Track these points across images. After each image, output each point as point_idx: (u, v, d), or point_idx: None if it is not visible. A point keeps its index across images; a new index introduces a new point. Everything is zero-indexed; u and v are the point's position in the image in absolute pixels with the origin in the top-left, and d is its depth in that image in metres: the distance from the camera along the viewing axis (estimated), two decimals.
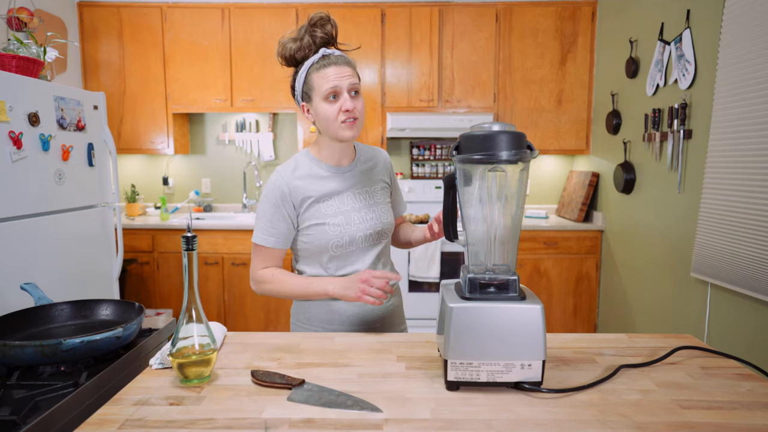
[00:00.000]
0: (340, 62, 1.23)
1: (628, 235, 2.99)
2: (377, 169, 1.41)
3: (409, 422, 0.83)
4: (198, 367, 0.96)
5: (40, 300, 1.24)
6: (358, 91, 1.26)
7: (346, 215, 1.31)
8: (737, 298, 2.05)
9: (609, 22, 3.28)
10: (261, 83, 3.55)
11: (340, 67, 1.23)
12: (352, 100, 1.24)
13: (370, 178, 1.38)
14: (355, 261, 1.34)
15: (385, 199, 1.39)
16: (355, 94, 1.25)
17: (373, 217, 1.34)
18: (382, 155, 1.45)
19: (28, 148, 2.19)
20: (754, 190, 1.90)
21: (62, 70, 3.41)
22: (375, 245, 1.36)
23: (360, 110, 1.26)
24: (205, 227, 3.35)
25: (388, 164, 1.45)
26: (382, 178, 1.41)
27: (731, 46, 2.02)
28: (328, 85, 1.22)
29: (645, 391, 0.93)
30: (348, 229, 1.30)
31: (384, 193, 1.40)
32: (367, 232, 1.33)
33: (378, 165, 1.41)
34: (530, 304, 0.92)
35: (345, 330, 1.36)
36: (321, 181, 1.32)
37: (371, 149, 1.45)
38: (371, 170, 1.39)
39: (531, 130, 3.54)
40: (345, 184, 1.34)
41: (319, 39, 1.24)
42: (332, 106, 1.23)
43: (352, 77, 1.24)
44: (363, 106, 1.28)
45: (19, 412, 0.81)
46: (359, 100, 1.26)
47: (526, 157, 0.93)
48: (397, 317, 1.46)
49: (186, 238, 0.93)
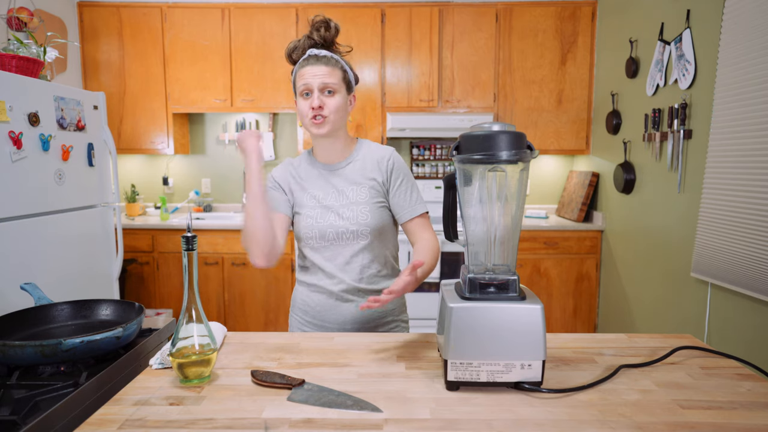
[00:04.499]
0: (318, 62, 1.29)
1: (628, 235, 2.99)
2: (369, 169, 1.37)
3: (409, 422, 0.83)
4: (198, 367, 0.96)
5: (40, 300, 1.24)
6: (333, 91, 1.29)
7: (322, 210, 1.34)
8: (737, 298, 2.05)
9: (609, 22, 3.28)
10: (261, 83, 3.55)
11: (315, 67, 1.28)
12: (321, 99, 1.28)
13: (358, 178, 1.36)
14: (331, 257, 1.36)
15: (371, 200, 1.34)
16: (329, 93, 1.29)
17: (349, 217, 1.33)
18: (382, 155, 1.38)
19: (28, 148, 2.19)
20: (754, 190, 1.90)
21: (62, 70, 3.41)
22: (349, 244, 1.34)
23: (332, 109, 1.29)
24: (205, 227, 3.35)
25: (385, 164, 1.36)
26: (373, 177, 1.36)
27: (731, 46, 2.02)
28: (301, 82, 1.29)
29: (645, 391, 0.93)
30: (319, 224, 1.34)
31: (371, 193, 1.35)
32: (339, 230, 1.33)
33: (372, 164, 1.37)
34: (530, 304, 0.92)
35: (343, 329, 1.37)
36: (311, 176, 1.39)
37: (377, 149, 1.40)
38: (362, 169, 1.37)
39: (531, 130, 3.54)
40: (326, 181, 1.37)
41: (312, 41, 1.32)
42: (305, 103, 1.30)
43: (327, 77, 1.28)
44: (338, 105, 1.30)
45: (19, 412, 0.81)
46: (333, 98, 1.29)
47: (526, 157, 0.93)
48: (390, 315, 1.44)
49: (186, 238, 0.93)
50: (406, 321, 1.49)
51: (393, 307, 1.43)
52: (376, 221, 1.34)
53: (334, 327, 1.37)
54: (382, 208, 1.35)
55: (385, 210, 1.37)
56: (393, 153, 1.39)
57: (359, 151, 1.40)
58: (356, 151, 1.40)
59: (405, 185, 1.37)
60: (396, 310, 1.44)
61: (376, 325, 1.39)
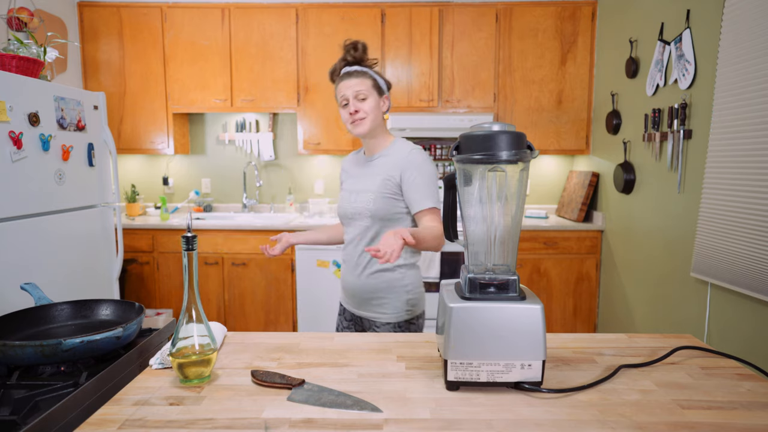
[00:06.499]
0: (350, 77, 1.54)
1: (628, 235, 2.99)
2: (391, 165, 1.54)
3: (409, 422, 0.83)
4: (198, 367, 0.96)
5: (40, 300, 1.24)
6: (365, 97, 1.52)
7: (348, 194, 1.62)
8: (737, 298, 2.05)
9: (609, 22, 3.28)
10: (261, 83, 3.55)
11: (346, 81, 1.54)
12: (356, 104, 1.52)
13: (379, 170, 1.56)
14: (347, 231, 1.65)
15: (380, 190, 1.52)
16: (363, 99, 1.52)
17: (355, 200, 1.57)
18: (402, 153, 1.54)
19: (28, 148, 2.19)
20: (754, 190, 1.90)
21: (62, 70, 3.41)
22: (351, 224, 1.61)
23: (367, 110, 1.53)
24: (205, 227, 3.35)
25: (402, 161, 1.52)
26: (389, 172, 1.53)
27: (731, 46, 2.02)
28: (339, 95, 1.56)
29: (645, 391, 0.93)
30: (343, 204, 1.63)
31: (385, 184, 1.52)
32: (348, 211, 1.60)
33: (395, 161, 1.54)
34: (530, 304, 0.92)
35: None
36: (353, 165, 1.69)
37: (402, 147, 1.56)
38: (386, 164, 1.56)
39: (531, 130, 3.54)
40: (361, 171, 1.63)
41: (345, 61, 1.57)
42: (344, 111, 1.56)
43: (357, 86, 1.52)
44: (371, 107, 1.53)
45: (19, 412, 0.81)
46: (367, 102, 1.52)
47: (526, 157, 0.93)
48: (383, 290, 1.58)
49: (186, 238, 0.93)
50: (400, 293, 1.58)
51: (386, 286, 1.57)
52: (378, 208, 1.52)
53: (345, 293, 1.66)
54: (388, 198, 1.52)
55: (393, 201, 1.53)
56: (411, 152, 1.54)
57: (391, 148, 1.59)
58: (389, 147, 1.59)
59: (415, 181, 1.50)
60: (387, 289, 1.57)
61: (370, 298, 1.59)
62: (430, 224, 1.46)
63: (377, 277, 1.56)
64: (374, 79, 1.55)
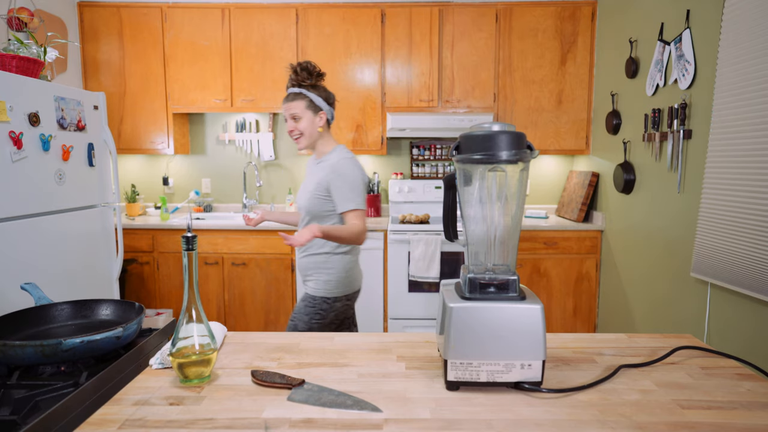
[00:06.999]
0: (287, 100, 1.85)
1: (628, 235, 2.99)
2: (324, 170, 1.83)
3: (409, 422, 0.83)
4: (198, 367, 0.96)
5: (40, 300, 1.24)
6: (300, 117, 1.83)
7: (300, 190, 1.93)
8: (737, 298, 2.05)
9: (609, 22, 3.28)
10: (261, 83, 3.55)
11: (286, 103, 1.85)
12: (292, 123, 1.85)
13: (318, 174, 1.85)
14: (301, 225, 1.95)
15: (314, 191, 1.83)
16: (299, 119, 1.83)
17: (300, 197, 1.89)
18: (332, 161, 1.83)
19: (28, 148, 2.19)
20: (754, 190, 1.90)
21: (62, 70, 3.41)
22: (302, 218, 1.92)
23: (302, 128, 1.85)
24: (205, 227, 3.35)
25: (329, 169, 1.81)
26: (322, 177, 1.83)
27: (731, 46, 2.02)
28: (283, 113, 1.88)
29: (645, 391, 0.93)
30: (296, 201, 1.94)
31: (318, 187, 1.83)
32: (297, 204, 1.92)
33: (328, 167, 1.83)
34: (530, 304, 0.92)
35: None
36: (309, 166, 1.98)
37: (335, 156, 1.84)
38: (323, 169, 1.84)
39: (531, 130, 3.54)
40: (310, 171, 1.94)
41: (291, 83, 1.85)
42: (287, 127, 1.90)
43: (292, 108, 1.83)
44: (304, 126, 1.84)
45: (19, 412, 0.81)
46: (301, 122, 1.84)
47: (526, 157, 0.93)
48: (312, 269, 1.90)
49: (186, 238, 0.93)
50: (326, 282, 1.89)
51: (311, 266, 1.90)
52: (311, 206, 1.84)
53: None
54: (319, 198, 1.83)
55: (323, 201, 1.82)
56: (339, 161, 1.81)
57: (329, 155, 1.87)
58: (329, 154, 1.88)
59: (338, 187, 1.79)
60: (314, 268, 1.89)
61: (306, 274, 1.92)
62: (350, 222, 1.77)
63: (309, 259, 1.90)
64: (310, 100, 1.82)
